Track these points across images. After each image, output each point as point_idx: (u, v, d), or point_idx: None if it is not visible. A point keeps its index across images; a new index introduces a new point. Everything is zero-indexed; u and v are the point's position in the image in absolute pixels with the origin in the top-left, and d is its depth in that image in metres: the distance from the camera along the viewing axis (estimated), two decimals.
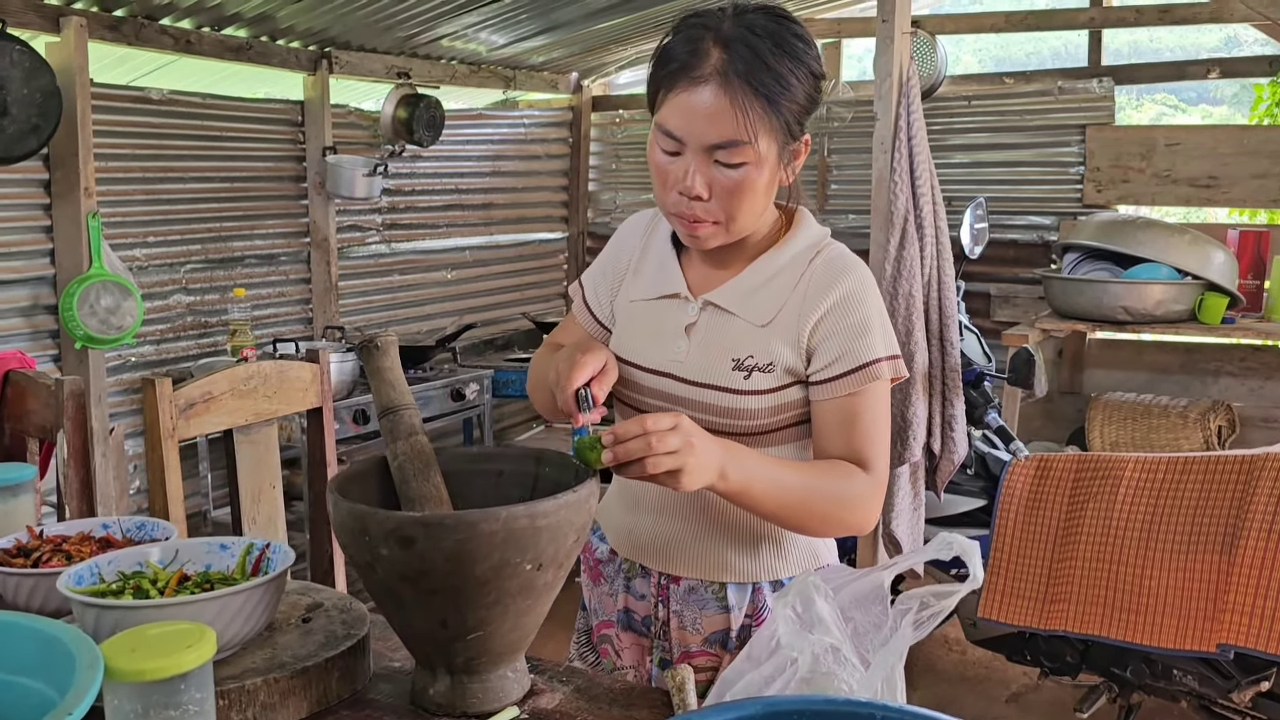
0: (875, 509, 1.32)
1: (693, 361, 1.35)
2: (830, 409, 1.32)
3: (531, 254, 5.12)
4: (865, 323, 1.31)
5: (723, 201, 1.26)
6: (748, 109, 1.21)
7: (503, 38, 4.21)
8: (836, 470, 1.30)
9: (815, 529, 1.32)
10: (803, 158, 1.33)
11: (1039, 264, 4.48)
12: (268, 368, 1.96)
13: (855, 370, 1.30)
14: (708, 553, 1.39)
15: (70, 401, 1.74)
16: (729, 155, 1.23)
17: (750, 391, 1.32)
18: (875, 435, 1.32)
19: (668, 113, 1.26)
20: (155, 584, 1.12)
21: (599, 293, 1.51)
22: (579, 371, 1.24)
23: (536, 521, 1.00)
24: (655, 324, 1.39)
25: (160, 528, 1.44)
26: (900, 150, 2.48)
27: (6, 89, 2.70)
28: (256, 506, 1.94)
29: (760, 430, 1.33)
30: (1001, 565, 2.73)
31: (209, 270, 3.66)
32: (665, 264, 1.42)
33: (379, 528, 0.98)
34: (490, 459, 1.24)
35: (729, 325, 1.35)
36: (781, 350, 1.32)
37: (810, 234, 1.38)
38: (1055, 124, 4.49)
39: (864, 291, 1.33)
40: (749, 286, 1.35)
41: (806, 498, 1.27)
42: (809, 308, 1.32)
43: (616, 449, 1.13)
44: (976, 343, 2.83)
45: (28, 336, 3.13)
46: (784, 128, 1.25)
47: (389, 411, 1.18)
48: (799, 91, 1.25)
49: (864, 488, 1.30)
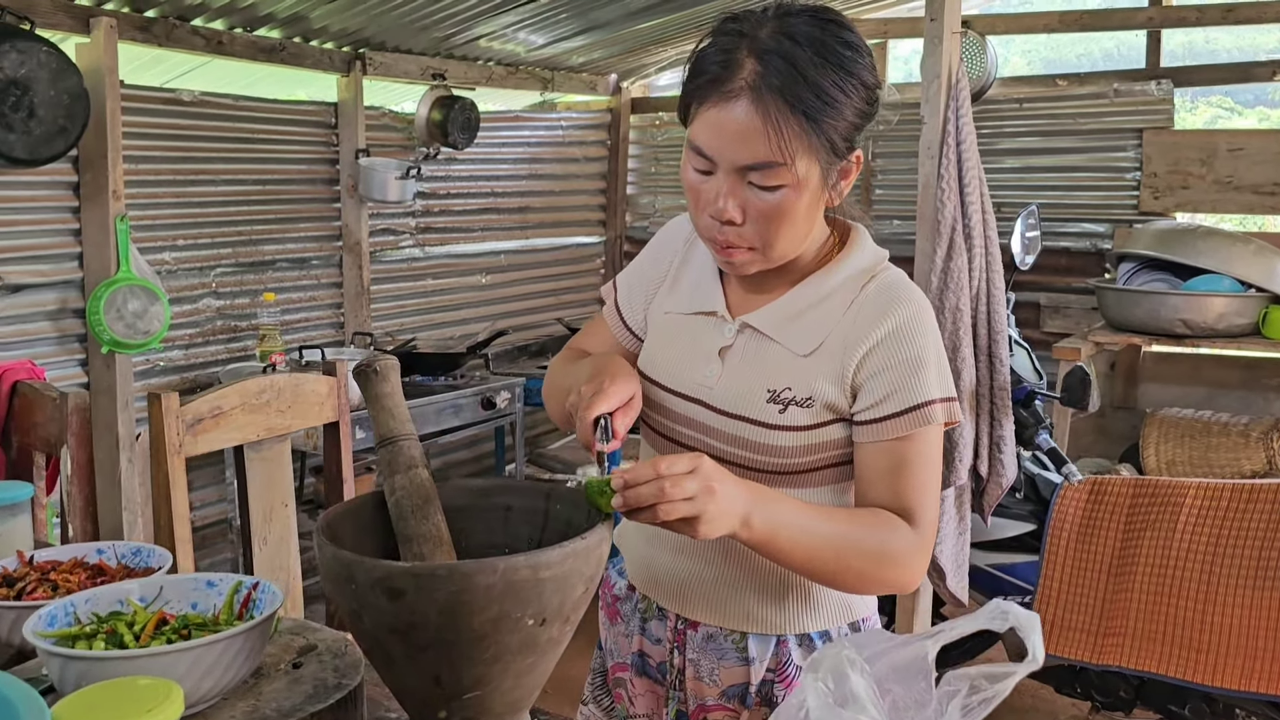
0: (920, 568, 1.20)
1: (724, 389, 1.24)
2: (875, 453, 1.20)
3: (568, 258, 5.03)
4: (919, 359, 1.19)
5: (758, 227, 1.15)
6: (782, 127, 1.09)
7: (541, 38, 4.13)
8: (878, 521, 1.18)
9: (850, 585, 1.20)
10: (853, 176, 1.20)
11: (1092, 273, 4.31)
12: (281, 381, 1.88)
13: (905, 412, 1.18)
14: (729, 598, 1.28)
15: (75, 416, 1.67)
16: (763, 178, 1.12)
17: (784, 427, 1.20)
18: (924, 484, 1.20)
19: (698, 129, 1.15)
20: (132, 627, 1.03)
21: (633, 297, 1.40)
22: (602, 400, 1.12)
23: (539, 573, 0.90)
24: (688, 342, 1.29)
25: (156, 555, 1.36)
26: (948, 155, 2.35)
27: (33, 90, 2.66)
28: (268, 526, 1.87)
29: (793, 470, 1.22)
30: (1051, 595, 2.59)
31: (239, 274, 3.61)
32: (705, 277, 1.30)
33: (366, 576, 0.89)
34: (497, 493, 1.14)
35: (767, 352, 1.23)
36: (823, 384, 1.20)
37: (864, 256, 1.25)
38: (1111, 128, 4.32)
39: (920, 324, 1.20)
40: (792, 311, 1.23)
41: (841, 551, 1.15)
42: (857, 338, 1.20)
43: (627, 494, 1.02)
44: (1027, 358, 2.69)
45: (55, 341, 3.09)
46: (827, 146, 1.12)
47: (387, 442, 1.09)
48: (846, 106, 1.12)
49: (908, 543, 1.18)
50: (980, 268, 2.37)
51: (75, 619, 1.06)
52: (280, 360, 3.40)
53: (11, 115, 2.61)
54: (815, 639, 1.27)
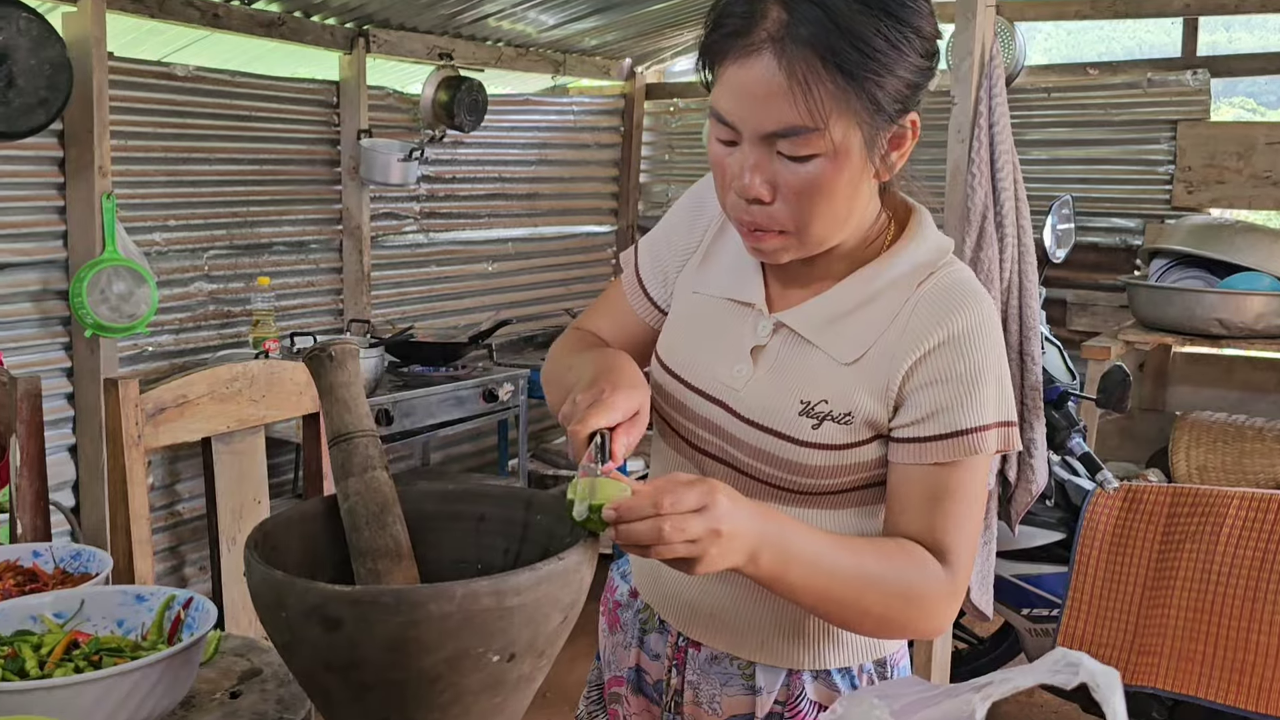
0: (949, 614, 1.04)
1: (753, 394, 1.07)
2: (913, 477, 1.03)
3: (578, 247, 4.88)
4: (977, 375, 1.01)
5: (790, 206, 0.98)
6: (812, 85, 0.92)
7: (552, 18, 3.98)
8: (906, 558, 1.01)
9: (869, 629, 1.04)
10: (908, 146, 1.01)
11: (1121, 269, 4.15)
12: (255, 368, 1.74)
13: (953, 435, 1.01)
14: (739, 623, 1.13)
15: (24, 402, 1.53)
16: (793, 146, 0.94)
17: (817, 445, 1.04)
18: (963, 520, 1.03)
19: (719, 92, 0.98)
20: (39, 650, 0.89)
21: (658, 264, 1.21)
22: (600, 414, 0.93)
23: (505, 600, 0.76)
24: (716, 333, 1.11)
25: (97, 560, 1.22)
26: (980, 139, 2.19)
27: (12, 59, 2.53)
28: (237, 524, 1.73)
29: (820, 490, 1.06)
30: (1081, 608, 2.43)
31: (233, 257, 3.48)
32: (744, 259, 1.11)
33: (298, 603, 0.75)
34: (470, 499, 1.00)
35: (805, 357, 1.06)
36: (864, 399, 1.03)
37: (925, 247, 1.07)
38: (1143, 119, 4.15)
39: (982, 334, 1.02)
40: (835, 310, 1.06)
41: (862, 591, 0.99)
42: (907, 347, 1.02)
43: (620, 529, 0.85)
44: (1059, 357, 2.53)
45: (37, 323, 2.96)
46: (869, 107, 0.94)
47: (341, 439, 0.94)
48: (894, 59, 0.94)
49: (938, 585, 1.02)
50: (1012, 259, 2.21)
51: None
52: (274, 347, 3.26)
53: None
54: (835, 676, 1.12)
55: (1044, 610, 2.50)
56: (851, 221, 1.03)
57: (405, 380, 3.50)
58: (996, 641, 2.95)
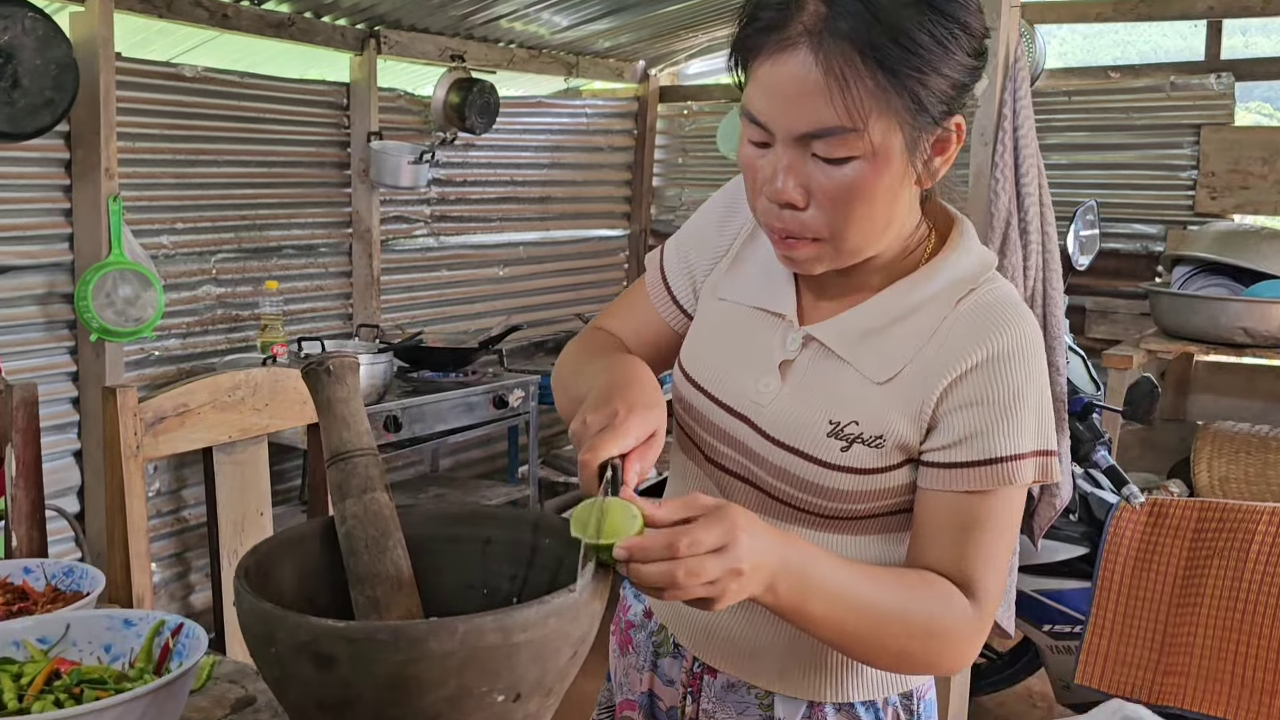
0: (972, 651, 0.99)
1: (778, 411, 1.01)
2: (942, 505, 0.97)
3: (590, 251, 4.83)
4: (1017, 399, 0.95)
5: (825, 212, 0.92)
6: (851, 82, 0.86)
7: (565, 19, 3.93)
8: (930, 590, 0.96)
9: (887, 664, 0.98)
10: (952, 151, 0.95)
11: (1142, 276, 4.08)
12: (258, 376, 1.69)
13: (987, 463, 0.95)
14: (757, 648, 1.07)
15: (20, 410, 1.49)
16: (829, 148, 0.88)
17: (845, 468, 0.98)
18: (993, 553, 0.97)
19: (751, 90, 0.92)
20: (18, 680, 0.84)
21: (686, 264, 1.15)
22: (611, 440, 0.85)
23: (512, 637, 0.70)
24: (742, 343, 1.05)
25: (89, 578, 1.18)
26: (1004, 143, 2.14)
27: (17, 59, 2.49)
28: (239, 537, 1.68)
29: (845, 515, 1.01)
30: (1105, 625, 2.36)
31: (242, 260, 3.44)
32: (775, 268, 1.05)
33: (289, 638, 0.70)
34: (474, 522, 0.94)
35: (835, 374, 1.00)
36: (897, 421, 0.97)
37: (966, 261, 1.00)
38: (1166, 123, 4.08)
39: (1024, 355, 0.96)
40: (869, 325, 1.00)
41: (883, 625, 0.93)
42: (943, 366, 0.96)
43: (633, 569, 0.80)
44: (1083, 367, 2.46)
45: (43, 326, 2.92)
46: (911, 107, 0.88)
47: (339, 458, 0.89)
48: (939, 56, 0.88)
49: (963, 622, 0.96)
50: (1036, 266, 2.15)
51: None
52: (282, 352, 3.22)
53: None
54: (859, 709, 1.07)
55: (1066, 627, 2.44)
56: (890, 231, 0.97)
57: (415, 386, 3.45)
58: (1015, 656, 2.89)
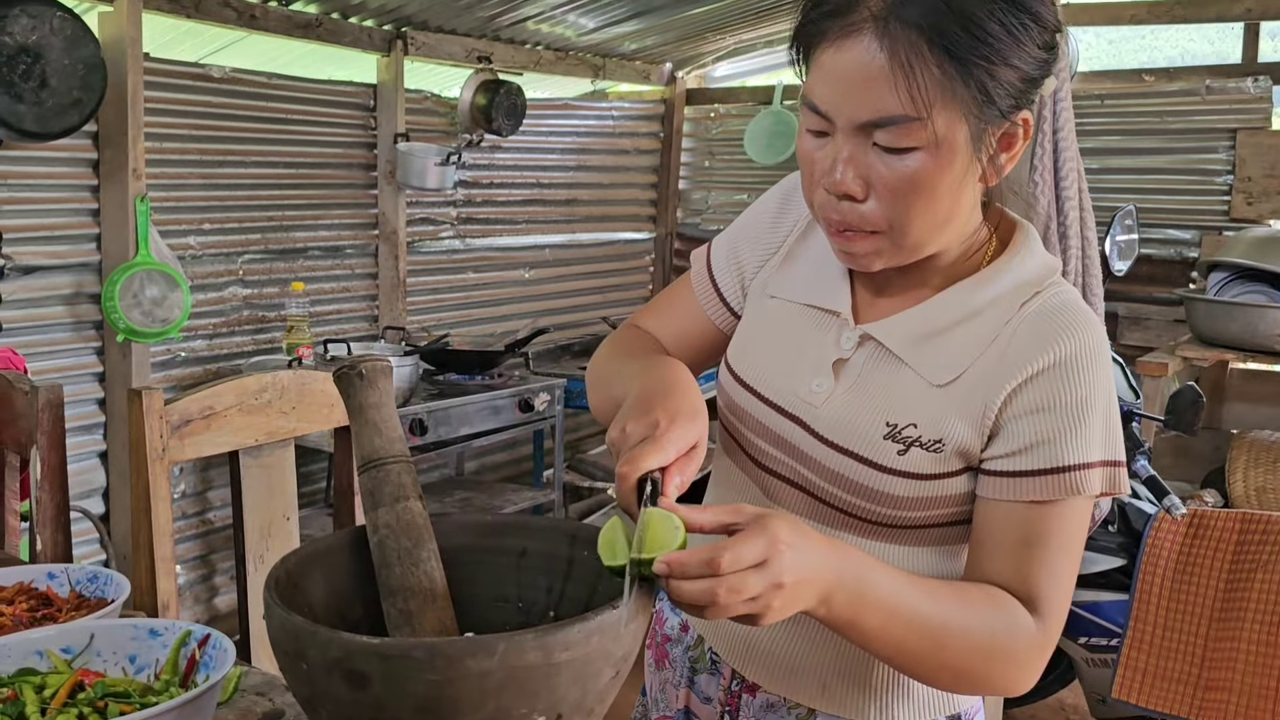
0: (1034, 673, 0.93)
1: (833, 412, 0.97)
2: (1005, 516, 0.93)
3: (616, 254, 4.80)
4: (1084, 406, 0.91)
5: (885, 204, 0.88)
6: (917, 69, 0.83)
7: (592, 21, 3.91)
8: (993, 606, 0.91)
9: (945, 683, 0.94)
10: (1019, 148, 0.92)
11: (1175, 282, 4.01)
12: (285, 378, 1.67)
13: (1053, 472, 0.90)
14: (802, 665, 1.03)
15: (46, 412, 1.47)
16: (892, 137, 0.86)
17: (902, 473, 0.94)
18: (1059, 570, 0.92)
19: (813, 79, 0.90)
20: (41, 692, 0.82)
21: (737, 256, 1.11)
22: (652, 452, 0.81)
23: (553, 656, 0.67)
24: (795, 342, 1.02)
25: (114, 584, 1.15)
26: (1043, 145, 2.09)
27: (46, 58, 2.48)
28: (265, 542, 1.66)
29: (901, 524, 0.97)
30: (1144, 639, 2.31)
31: (268, 262, 3.43)
32: (830, 263, 1.02)
33: (320, 655, 0.67)
34: (509, 533, 0.91)
35: (892, 375, 0.97)
36: (957, 426, 0.93)
37: (1030, 265, 0.97)
38: (1201, 127, 4.02)
39: (1091, 362, 0.92)
40: (930, 326, 0.96)
41: (942, 641, 0.89)
42: (1008, 371, 0.92)
43: (672, 585, 0.76)
44: (1123, 375, 2.41)
45: (70, 327, 2.92)
46: (979, 98, 0.85)
47: (372, 465, 0.86)
48: (1009, 48, 0.85)
49: (1027, 639, 0.91)
50: (1075, 271, 2.11)
51: None
52: (307, 354, 3.21)
53: (21, 84, 2.44)
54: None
55: (1102, 640, 2.39)
56: (951, 227, 0.93)
57: (440, 389, 3.43)
58: (1049, 668, 2.83)
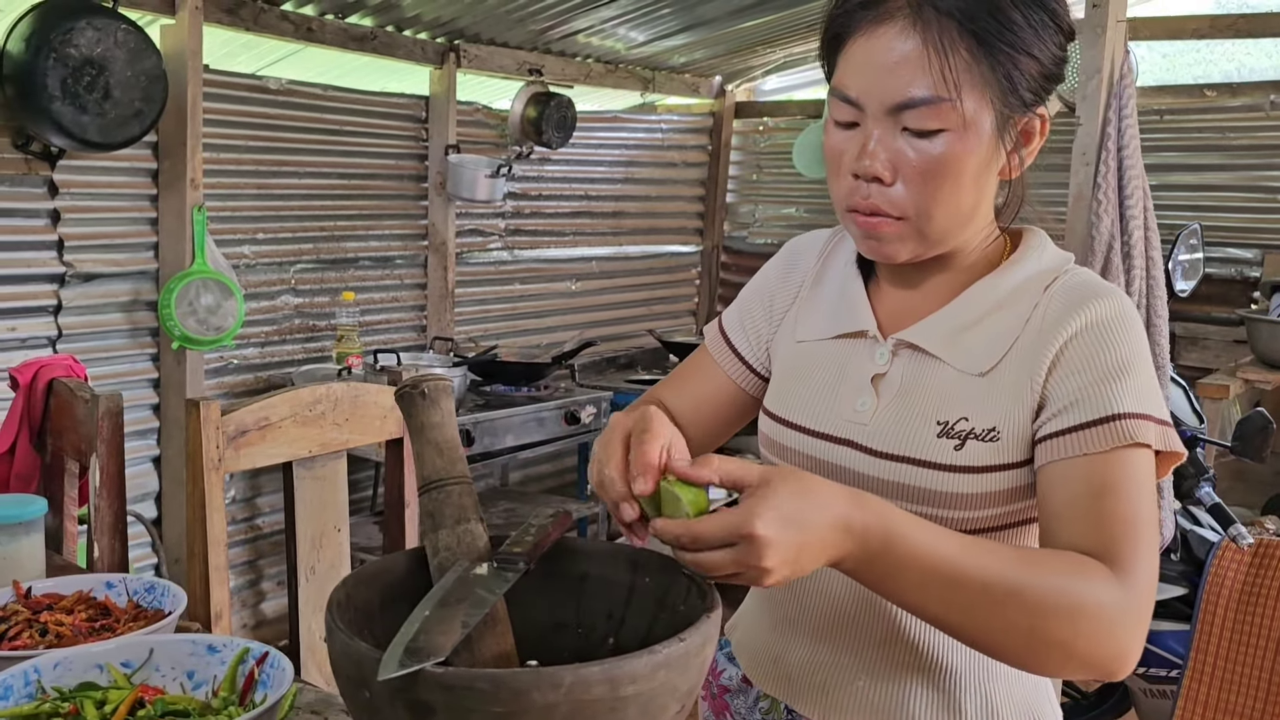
0: (1130, 637, 0.83)
1: (882, 424, 0.97)
2: (1065, 473, 0.88)
3: (662, 267, 4.79)
4: (1123, 363, 0.90)
5: (913, 188, 0.90)
6: (947, 52, 0.87)
7: (642, 34, 3.91)
8: (1061, 560, 0.84)
9: (1018, 650, 0.83)
10: (1037, 143, 0.95)
11: (1236, 302, 3.92)
12: (339, 390, 1.68)
13: (1103, 421, 0.87)
14: (889, 700, 0.99)
15: (106, 420, 1.49)
16: (921, 118, 0.88)
17: (962, 468, 0.92)
18: (1134, 520, 0.85)
19: (843, 70, 0.92)
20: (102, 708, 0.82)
21: (750, 315, 1.13)
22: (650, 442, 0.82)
23: (620, 690, 0.66)
24: (831, 373, 1.02)
25: (170, 595, 1.16)
26: (1107, 163, 2.05)
27: (109, 70, 2.53)
28: (317, 554, 1.66)
29: (966, 526, 0.93)
30: (1205, 671, 2.24)
31: (320, 271, 3.46)
32: (848, 292, 1.05)
33: (383, 684, 0.65)
34: (570, 557, 0.90)
35: (933, 374, 0.96)
36: (1009, 409, 0.92)
37: (1045, 257, 0.99)
38: (1265, 144, 3.92)
39: (1122, 323, 0.92)
40: (959, 323, 0.97)
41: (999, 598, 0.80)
42: (1045, 342, 0.92)
43: (689, 558, 0.78)
44: (1185, 398, 2.35)
45: (127, 333, 2.97)
46: (1004, 85, 0.88)
47: (433, 486, 0.85)
48: (1031, 39, 0.89)
49: (1108, 594, 0.82)
50: (1140, 291, 2.06)
51: (38, 689, 0.85)
52: (357, 363, 3.23)
53: (86, 96, 2.48)
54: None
55: (1162, 670, 2.32)
56: (974, 221, 0.96)
57: (487, 400, 3.44)
58: (1102, 697, 2.76)
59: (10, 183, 2.67)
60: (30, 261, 2.75)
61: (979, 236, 0.99)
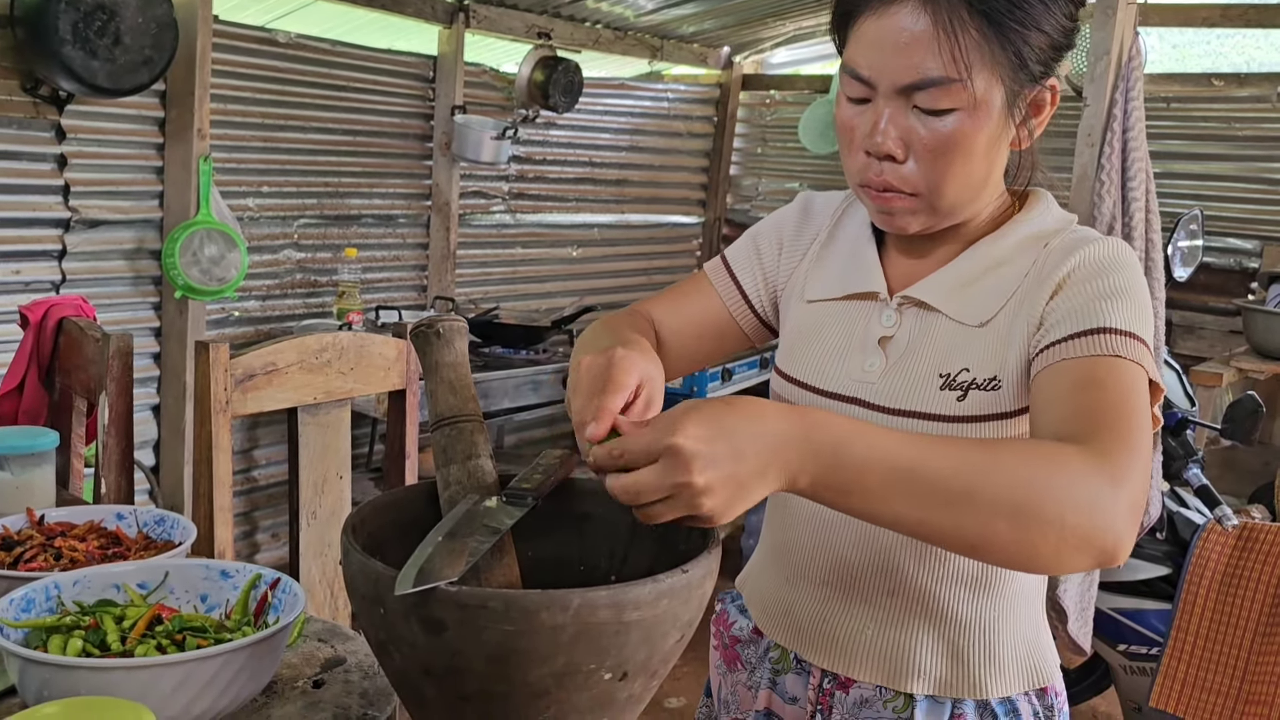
0: (1116, 510, 0.76)
1: (889, 381, 1.00)
2: (1054, 373, 0.89)
3: (664, 237, 4.80)
4: (1117, 289, 0.92)
5: (925, 164, 0.92)
6: (958, 32, 0.88)
7: (651, 2, 3.90)
8: (1032, 442, 0.85)
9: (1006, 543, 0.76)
10: (1046, 114, 0.97)
11: (1234, 292, 3.94)
12: (345, 340, 1.70)
13: (1091, 332, 0.89)
14: (896, 649, 1.02)
15: (116, 360, 1.51)
16: (932, 98, 0.90)
17: (967, 418, 0.95)
18: (1122, 412, 0.83)
19: (854, 48, 0.94)
20: (121, 623, 0.84)
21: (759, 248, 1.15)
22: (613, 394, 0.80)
23: (624, 614, 0.68)
24: (841, 333, 1.05)
25: (180, 527, 1.18)
26: (1111, 145, 2.07)
27: (120, 15, 2.52)
28: (318, 499, 1.69)
29: None
30: (1185, 649, 2.29)
31: (323, 227, 3.47)
32: (860, 254, 1.07)
33: (399, 600, 0.68)
34: (575, 497, 0.92)
35: (934, 328, 1.00)
36: (1008, 357, 0.95)
37: (1049, 217, 1.02)
38: (1269, 135, 3.93)
39: (1119, 258, 0.95)
40: (961, 278, 1.00)
41: (971, 484, 0.74)
42: (1042, 288, 0.95)
43: (618, 486, 0.73)
44: (1178, 382, 2.38)
45: (130, 281, 2.98)
46: (1014, 61, 0.90)
47: (446, 422, 0.88)
48: (1040, 13, 0.90)
49: (1081, 464, 0.77)
50: None
51: (58, 604, 0.88)
52: (357, 319, 3.25)
53: (96, 40, 2.48)
54: (997, 709, 1.02)
55: (1142, 648, 2.37)
56: (985, 192, 0.98)
57: (486, 361, 3.46)
58: (1084, 674, 2.81)
59: (18, 125, 2.68)
60: (36, 205, 2.75)
61: (989, 202, 1.01)
